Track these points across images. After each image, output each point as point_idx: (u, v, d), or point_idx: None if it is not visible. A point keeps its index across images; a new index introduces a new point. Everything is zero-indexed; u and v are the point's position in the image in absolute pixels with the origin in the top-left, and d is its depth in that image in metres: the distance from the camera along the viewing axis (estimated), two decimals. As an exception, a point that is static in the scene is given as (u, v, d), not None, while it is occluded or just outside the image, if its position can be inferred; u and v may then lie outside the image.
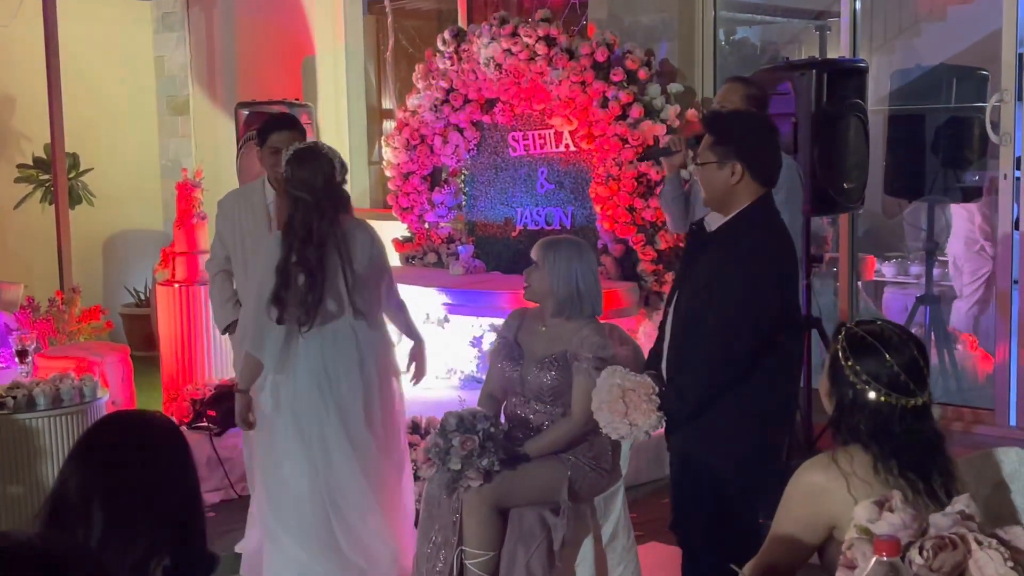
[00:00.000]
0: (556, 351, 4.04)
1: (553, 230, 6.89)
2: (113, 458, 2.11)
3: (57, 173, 7.88)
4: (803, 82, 5.59)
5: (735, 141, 3.46)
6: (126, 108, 9.17)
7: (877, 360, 2.38)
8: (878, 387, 2.37)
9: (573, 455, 4.00)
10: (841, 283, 6.83)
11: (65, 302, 7.37)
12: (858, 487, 2.32)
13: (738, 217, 3.45)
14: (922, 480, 2.33)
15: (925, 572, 1.86)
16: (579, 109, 6.51)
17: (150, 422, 2.25)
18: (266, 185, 4.90)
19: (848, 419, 2.41)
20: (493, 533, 3.91)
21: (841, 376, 2.42)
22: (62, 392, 4.77)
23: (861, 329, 2.46)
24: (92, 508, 2.04)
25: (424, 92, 7.33)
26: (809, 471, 2.45)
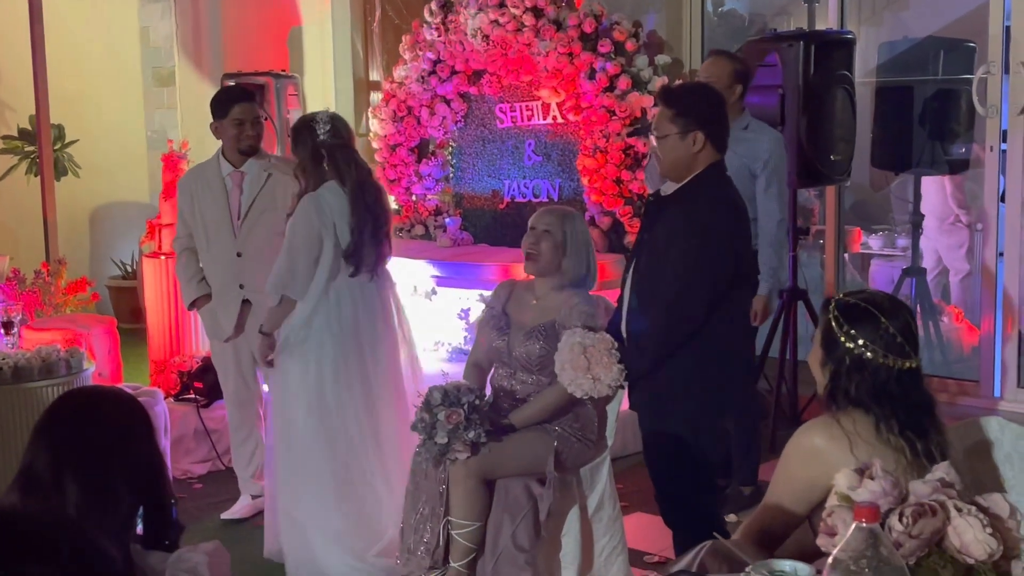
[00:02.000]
0: (544, 321, 4.05)
1: (540, 202, 6.88)
2: (79, 431, 2.13)
3: (42, 145, 7.84)
4: (791, 54, 5.59)
5: (695, 111, 3.70)
6: (111, 79, 9.11)
7: (872, 324, 2.41)
8: (876, 349, 2.39)
9: (559, 426, 4.01)
10: (827, 255, 6.85)
11: (51, 274, 7.34)
12: (861, 448, 2.33)
13: (693, 181, 3.68)
14: (920, 439, 2.36)
15: (905, 538, 1.87)
16: (566, 81, 6.50)
17: (108, 395, 2.28)
18: (221, 159, 5.02)
19: (846, 385, 2.42)
20: (479, 504, 3.93)
21: (836, 344, 2.43)
22: (49, 364, 4.76)
23: (852, 298, 2.48)
24: (64, 481, 2.06)
25: (411, 63, 7.30)
26: (809, 433, 2.47)
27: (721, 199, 3.70)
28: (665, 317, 3.64)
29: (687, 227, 3.62)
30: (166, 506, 2.22)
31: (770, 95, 5.61)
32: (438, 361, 6.66)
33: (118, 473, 2.11)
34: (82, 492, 2.05)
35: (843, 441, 2.37)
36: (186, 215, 5.06)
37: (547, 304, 4.08)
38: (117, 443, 2.14)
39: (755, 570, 2.37)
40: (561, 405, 3.98)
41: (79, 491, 2.05)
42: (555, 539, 4.05)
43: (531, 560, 3.88)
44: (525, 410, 4.01)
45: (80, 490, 2.06)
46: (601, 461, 4.16)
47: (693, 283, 3.59)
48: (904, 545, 1.87)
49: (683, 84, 4.53)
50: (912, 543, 1.87)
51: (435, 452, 3.89)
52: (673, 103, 3.73)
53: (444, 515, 3.96)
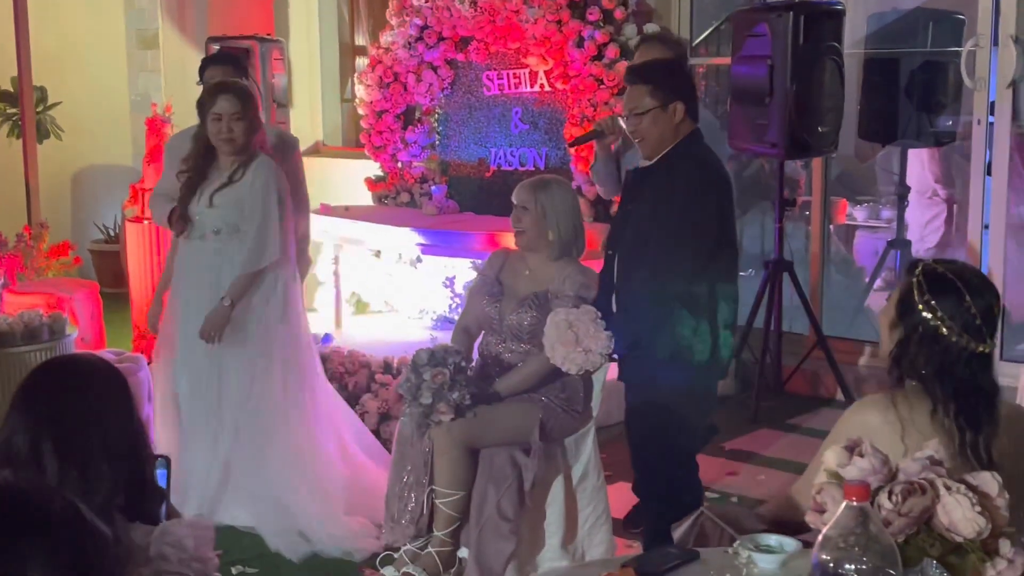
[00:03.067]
0: (538, 290, 4.05)
1: (527, 171, 6.85)
2: (56, 404, 2.11)
3: (24, 107, 7.78)
4: (780, 24, 5.56)
5: (672, 84, 3.84)
6: (95, 41, 9.02)
7: (956, 299, 2.31)
8: (952, 326, 2.30)
9: (545, 395, 4.01)
10: (813, 226, 6.85)
11: (33, 238, 7.30)
12: (913, 437, 2.25)
13: (674, 150, 3.79)
14: (971, 430, 2.27)
15: (894, 516, 1.87)
16: (554, 48, 6.46)
17: (85, 364, 2.26)
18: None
19: (914, 355, 2.33)
20: (463, 473, 3.93)
21: (913, 310, 2.34)
22: (31, 329, 4.73)
23: (941, 266, 2.38)
24: (43, 457, 2.04)
25: (398, 29, 7.24)
26: (866, 410, 2.39)
27: (704, 164, 3.80)
28: (655, 284, 3.69)
29: (672, 193, 3.70)
30: (147, 476, 2.21)
31: (759, 66, 5.59)
32: (422, 329, 6.66)
33: (98, 445, 2.09)
34: (61, 465, 2.04)
35: (896, 427, 2.29)
36: (169, 176, 4.87)
37: (540, 275, 4.08)
38: (96, 414, 2.12)
39: (742, 544, 2.38)
40: (546, 374, 3.98)
41: (58, 464, 2.04)
42: (539, 508, 4.06)
43: (515, 529, 3.89)
44: (510, 378, 4.01)
45: (59, 463, 2.04)
46: (586, 431, 4.17)
47: (680, 248, 3.67)
48: (893, 523, 1.87)
49: (649, 61, 4.51)
50: (901, 521, 1.87)
51: (419, 414, 3.88)
52: (649, 78, 3.85)
53: (428, 484, 3.96)
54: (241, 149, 4.51)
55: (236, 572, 4.32)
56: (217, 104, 4.43)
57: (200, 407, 4.63)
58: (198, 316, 4.52)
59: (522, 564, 4.00)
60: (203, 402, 4.63)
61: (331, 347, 6.11)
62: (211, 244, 4.56)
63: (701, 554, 2.46)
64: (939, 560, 1.90)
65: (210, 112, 4.44)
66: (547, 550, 4.09)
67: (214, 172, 4.57)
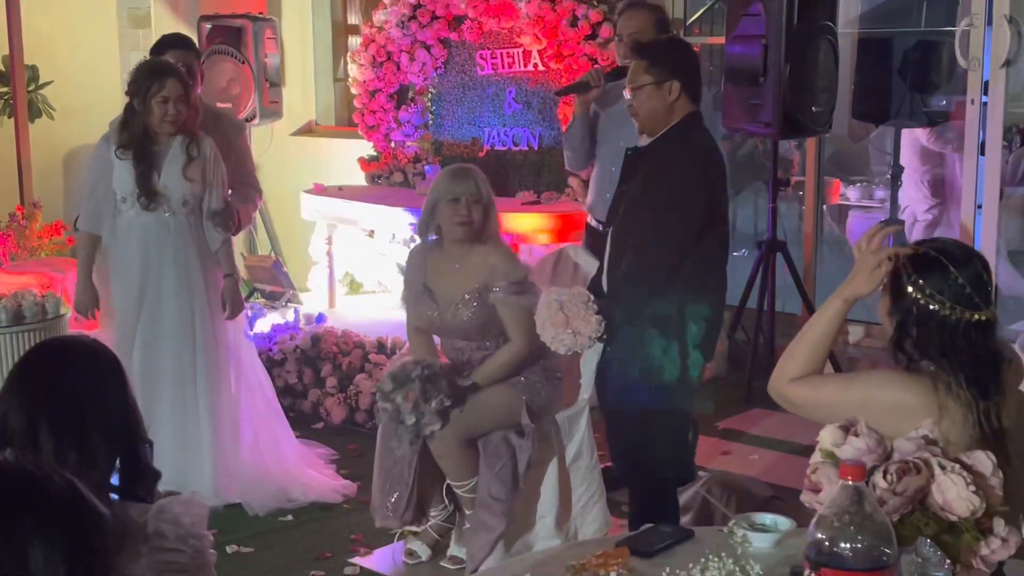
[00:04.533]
0: (472, 287, 4.03)
1: (520, 151, 6.85)
2: (50, 384, 2.11)
3: (16, 86, 7.75)
4: (774, 3, 5.55)
5: (670, 61, 3.78)
6: (86, 20, 8.97)
7: (941, 274, 2.33)
8: (943, 301, 2.31)
9: (525, 375, 4.02)
10: (807, 206, 6.85)
11: (26, 217, 7.29)
12: (946, 423, 2.22)
13: (670, 131, 3.75)
14: (983, 399, 2.26)
15: (889, 496, 1.88)
16: (548, 28, 6.44)
17: (79, 345, 2.26)
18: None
19: (915, 337, 2.35)
20: (471, 461, 3.98)
21: (903, 293, 2.36)
22: (24, 309, 4.73)
23: (923, 246, 2.41)
24: (39, 437, 2.05)
25: (391, 8, 7.22)
26: (906, 389, 2.32)
27: (697, 147, 3.75)
28: (638, 265, 3.69)
29: (661, 176, 3.68)
30: (140, 455, 2.21)
31: (753, 45, 5.58)
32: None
33: (93, 425, 2.10)
34: (57, 445, 2.05)
35: (934, 411, 2.24)
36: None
37: (469, 269, 4.05)
38: (90, 395, 2.13)
39: (736, 523, 2.39)
40: (521, 361, 3.99)
41: (54, 444, 2.04)
42: (534, 488, 4.08)
43: (506, 510, 3.91)
44: (486, 367, 4.02)
45: (55, 443, 2.05)
46: (580, 411, 4.18)
47: (664, 230, 3.65)
48: (888, 502, 1.88)
49: (656, 38, 4.49)
50: (896, 500, 1.88)
51: (410, 435, 3.90)
52: (647, 54, 3.80)
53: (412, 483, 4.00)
54: (181, 128, 4.62)
55: (231, 551, 4.34)
56: (166, 87, 4.53)
57: (172, 384, 4.67)
58: (176, 289, 4.64)
59: (512, 543, 4.03)
60: (176, 378, 4.68)
61: (324, 327, 6.11)
62: (180, 218, 4.66)
63: (696, 533, 2.48)
64: (933, 539, 1.91)
65: (156, 95, 4.52)
66: (540, 529, 4.11)
67: (163, 150, 4.64)
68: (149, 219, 4.62)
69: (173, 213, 4.65)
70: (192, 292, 4.68)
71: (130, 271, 4.66)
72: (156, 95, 4.52)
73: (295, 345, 5.92)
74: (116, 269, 4.69)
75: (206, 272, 4.72)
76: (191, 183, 4.64)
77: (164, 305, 4.64)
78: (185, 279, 4.66)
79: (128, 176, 4.59)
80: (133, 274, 4.65)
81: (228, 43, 7.53)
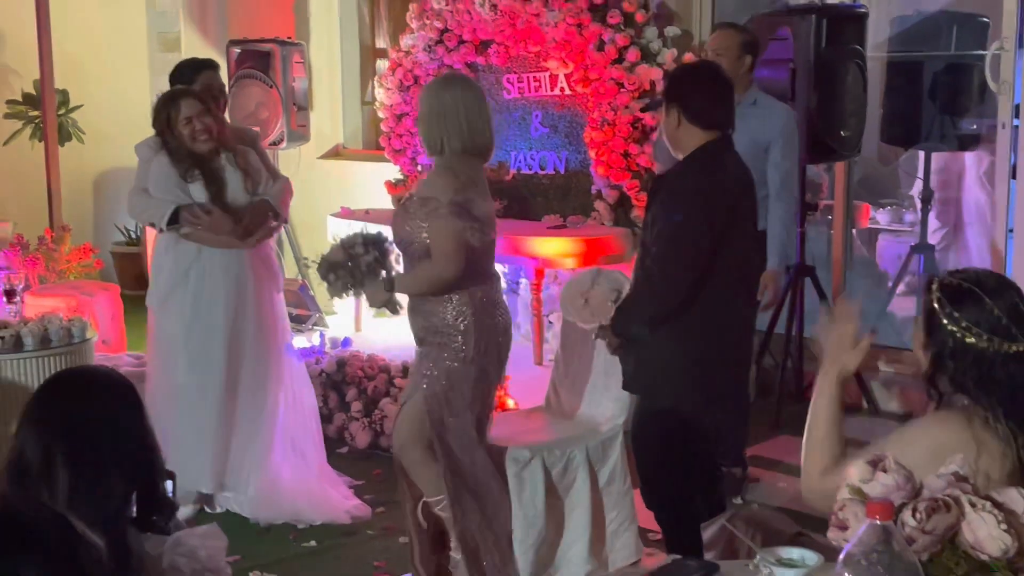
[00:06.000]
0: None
1: (547, 175, 6.84)
2: (67, 416, 2.10)
3: (47, 110, 7.80)
4: (802, 27, 5.53)
5: (670, 89, 3.73)
6: (117, 44, 9.04)
7: (977, 306, 2.29)
8: (979, 333, 2.27)
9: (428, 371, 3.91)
10: (835, 231, 6.80)
11: (55, 240, 7.33)
12: (984, 459, 2.19)
13: (683, 161, 3.67)
14: (1021, 432, 2.23)
15: (918, 534, 1.84)
16: (575, 52, 6.43)
17: (97, 376, 2.25)
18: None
19: (950, 370, 2.30)
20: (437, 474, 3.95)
21: (938, 327, 2.32)
22: (50, 333, 4.73)
23: (955, 278, 2.36)
24: (55, 469, 2.03)
25: (418, 32, 7.23)
26: (940, 429, 2.30)
27: (704, 179, 3.61)
28: (646, 293, 3.68)
29: (670, 207, 3.61)
30: (158, 487, 2.20)
31: (781, 69, 5.55)
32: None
33: (110, 459, 2.08)
34: (73, 479, 2.03)
35: (971, 447, 2.20)
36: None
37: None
38: (108, 426, 2.11)
39: (763, 559, 2.35)
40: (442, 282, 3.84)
41: (70, 478, 2.03)
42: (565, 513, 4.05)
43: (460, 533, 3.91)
44: (405, 276, 3.97)
45: (71, 475, 2.03)
46: (613, 436, 4.15)
47: (672, 258, 3.58)
48: (917, 541, 1.84)
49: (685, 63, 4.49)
50: (925, 539, 1.84)
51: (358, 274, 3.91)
52: (664, 79, 3.79)
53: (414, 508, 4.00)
54: (218, 139, 4.74)
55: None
56: (182, 108, 4.65)
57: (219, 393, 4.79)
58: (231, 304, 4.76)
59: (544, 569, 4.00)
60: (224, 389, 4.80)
61: (350, 351, 6.10)
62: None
63: (721, 567, 2.44)
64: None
65: (177, 119, 4.65)
66: (573, 556, 4.08)
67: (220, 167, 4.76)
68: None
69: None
70: (261, 308, 4.82)
71: (204, 287, 4.76)
72: (177, 119, 4.65)
73: (320, 369, 5.91)
74: (191, 286, 4.79)
75: (264, 287, 4.84)
76: (250, 195, 4.80)
77: (216, 319, 4.74)
78: (256, 295, 4.81)
79: (202, 197, 4.70)
80: (207, 291, 4.76)
81: (256, 67, 7.57)
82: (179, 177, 4.70)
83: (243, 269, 4.77)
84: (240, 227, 4.73)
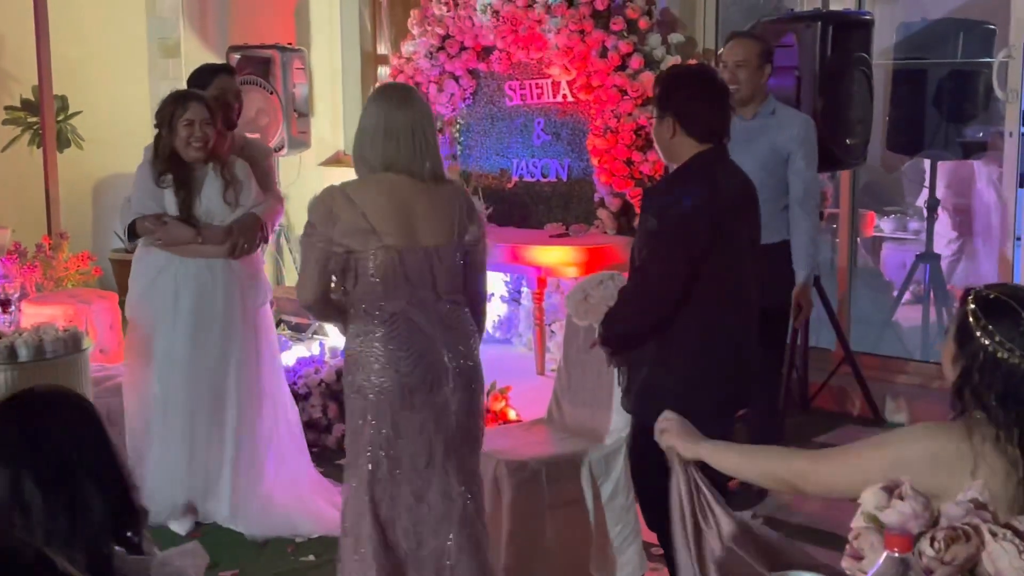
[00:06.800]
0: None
1: (549, 182, 6.79)
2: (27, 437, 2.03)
3: (45, 116, 7.74)
4: (807, 35, 5.46)
5: (665, 97, 3.49)
6: (116, 50, 8.98)
7: (1012, 321, 2.23)
8: (1012, 348, 2.20)
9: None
10: (841, 239, 6.74)
11: (53, 248, 7.26)
12: (982, 472, 2.13)
13: (674, 172, 3.50)
14: None
15: (936, 565, 1.77)
16: (577, 59, 6.38)
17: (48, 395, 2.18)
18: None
19: (976, 384, 2.24)
20: None
21: (971, 339, 2.25)
22: (45, 343, 4.67)
23: (992, 291, 2.30)
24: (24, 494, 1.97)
25: (419, 38, 7.18)
26: (937, 437, 2.24)
27: (690, 193, 3.40)
28: (626, 306, 3.54)
29: (652, 219, 3.44)
30: (133, 500, 2.14)
31: (786, 77, 5.49)
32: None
33: (79, 473, 2.02)
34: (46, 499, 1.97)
35: (968, 460, 2.15)
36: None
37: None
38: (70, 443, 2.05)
39: (773, 583, 2.29)
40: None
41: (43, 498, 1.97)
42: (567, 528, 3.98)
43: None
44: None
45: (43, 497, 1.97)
46: (616, 449, 4.09)
47: (651, 274, 3.43)
48: (935, 572, 1.77)
49: (676, 66, 4.35)
50: (944, 570, 1.77)
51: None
52: (656, 85, 3.58)
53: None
54: (210, 155, 4.68)
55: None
56: (190, 110, 4.60)
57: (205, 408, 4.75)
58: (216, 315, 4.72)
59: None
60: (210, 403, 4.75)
61: (350, 361, 6.03)
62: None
63: (729, 591, 2.37)
64: (983, 609, 1.81)
65: (181, 118, 4.60)
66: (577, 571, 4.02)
67: (201, 177, 4.71)
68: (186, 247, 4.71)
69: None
70: (234, 317, 4.75)
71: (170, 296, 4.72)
72: (181, 118, 4.60)
73: (320, 379, 5.85)
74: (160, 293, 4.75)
75: (246, 300, 4.79)
76: (230, 207, 4.72)
77: (207, 329, 4.71)
78: (230, 305, 4.74)
79: (172, 204, 4.67)
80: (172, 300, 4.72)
81: (257, 73, 7.52)
82: (153, 183, 4.68)
83: (214, 279, 4.71)
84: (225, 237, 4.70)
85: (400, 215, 3.39)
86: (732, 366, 3.63)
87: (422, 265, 3.38)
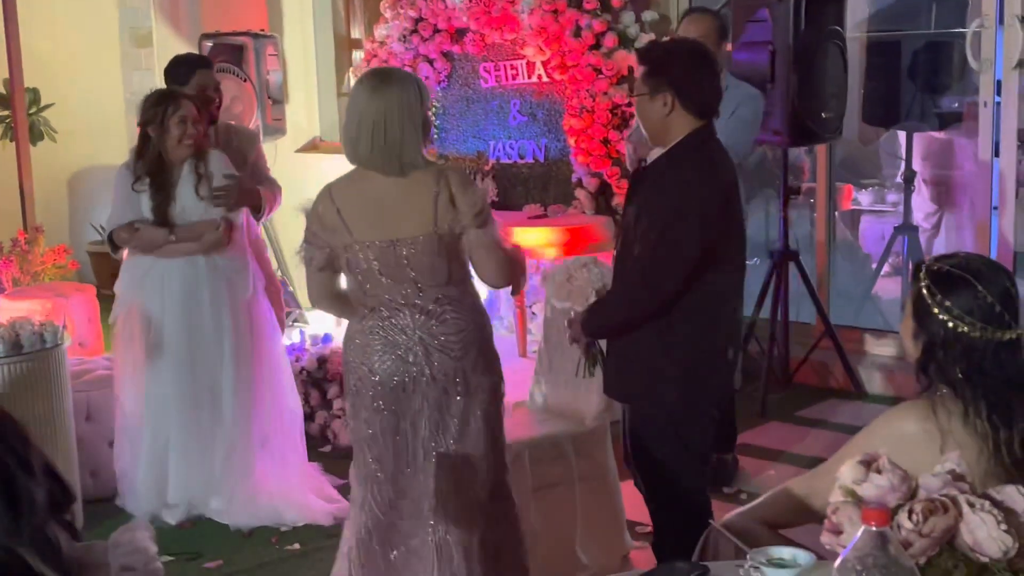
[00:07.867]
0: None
1: (527, 163, 6.77)
2: None
3: (16, 109, 7.68)
4: (781, 9, 5.46)
5: (665, 71, 3.36)
6: (87, 41, 8.91)
7: (969, 293, 2.20)
8: (972, 321, 2.19)
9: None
10: (819, 213, 6.75)
11: (28, 242, 7.22)
12: (951, 447, 2.12)
13: (671, 150, 3.38)
14: (1004, 427, 2.16)
15: (914, 537, 1.77)
16: (552, 38, 6.35)
17: None
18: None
19: (941, 360, 2.22)
20: None
21: (929, 315, 2.23)
22: (22, 338, 4.63)
23: (944, 263, 2.27)
24: None
25: (392, 22, 7.15)
26: (902, 418, 2.25)
27: (697, 171, 3.34)
28: (628, 294, 3.43)
29: (658, 201, 3.34)
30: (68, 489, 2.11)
31: (760, 52, 5.48)
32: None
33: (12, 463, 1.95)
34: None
35: (935, 437, 2.16)
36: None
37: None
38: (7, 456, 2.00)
39: (754, 559, 2.29)
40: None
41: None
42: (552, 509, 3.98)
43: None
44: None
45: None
46: (599, 430, 4.10)
47: (660, 260, 3.30)
48: (914, 544, 1.77)
49: (662, 40, 4.27)
50: (922, 542, 1.77)
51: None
52: (646, 60, 3.45)
53: None
54: (196, 151, 4.71)
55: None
56: (182, 108, 4.63)
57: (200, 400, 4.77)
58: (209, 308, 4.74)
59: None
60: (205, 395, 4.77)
61: (331, 348, 6.01)
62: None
63: (711, 569, 2.37)
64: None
65: (174, 115, 4.61)
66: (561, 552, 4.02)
67: (176, 178, 4.71)
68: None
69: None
70: (222, 311, 4.75)
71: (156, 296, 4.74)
72: (174, 115, 4.61)
73: (301, 367, 5.83)
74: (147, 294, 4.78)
75: (236, 292, 4.79)
76: (204, 201, 4.70)
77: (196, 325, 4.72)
78: (217, 299, 4.75)
79: (148, 209, 4.70)
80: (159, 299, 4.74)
81: (230, 61, 7.46)
82: (130, 187, 4.70)
83: (197, 275, 4.72)
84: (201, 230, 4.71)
85: (371, 210, 3.34)
86: (733, 342, 3.64)
87: (397, 260, 3.32)
